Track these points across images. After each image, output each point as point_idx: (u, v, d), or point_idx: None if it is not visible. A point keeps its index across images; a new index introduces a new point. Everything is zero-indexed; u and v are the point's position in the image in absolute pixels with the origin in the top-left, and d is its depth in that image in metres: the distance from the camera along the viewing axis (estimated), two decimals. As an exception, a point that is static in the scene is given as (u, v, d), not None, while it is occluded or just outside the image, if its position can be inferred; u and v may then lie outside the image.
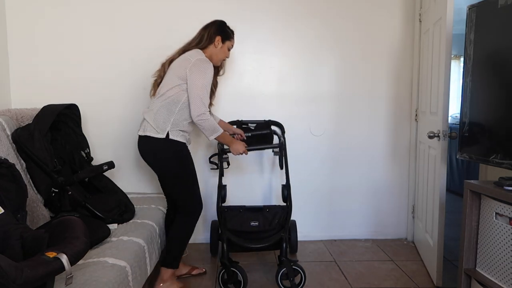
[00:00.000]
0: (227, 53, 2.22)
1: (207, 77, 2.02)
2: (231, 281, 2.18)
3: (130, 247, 1.76)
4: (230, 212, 2.45)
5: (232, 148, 2.16)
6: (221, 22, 2.22)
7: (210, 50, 2.17)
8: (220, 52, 2.19)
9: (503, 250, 1.65)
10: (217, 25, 2.19)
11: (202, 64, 2.03)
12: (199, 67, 2.02)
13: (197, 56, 2.07)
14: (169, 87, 2.05)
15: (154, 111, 2.05)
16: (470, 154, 1.90)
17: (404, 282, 2.34)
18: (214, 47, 2.16)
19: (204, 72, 2.02)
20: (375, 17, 2.89)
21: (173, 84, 2.04)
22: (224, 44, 2.18)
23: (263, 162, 2.96)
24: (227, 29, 2.21)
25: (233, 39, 2.24)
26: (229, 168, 2.51)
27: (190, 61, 2.03)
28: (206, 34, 2.16)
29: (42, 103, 2.31)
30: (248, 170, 2.94)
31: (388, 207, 3.05)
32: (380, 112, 2.97)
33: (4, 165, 1.47)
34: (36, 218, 1.89)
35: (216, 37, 2.15)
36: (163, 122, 2.03)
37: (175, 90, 2.04)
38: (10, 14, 2.70)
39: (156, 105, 2.06)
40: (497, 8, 1.74)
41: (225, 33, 2.19)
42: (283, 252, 2.24)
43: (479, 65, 1.86)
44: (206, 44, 2.16)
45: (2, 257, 1.00)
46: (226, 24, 2.23)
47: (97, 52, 2.77)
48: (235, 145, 2.15)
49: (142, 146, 2.10)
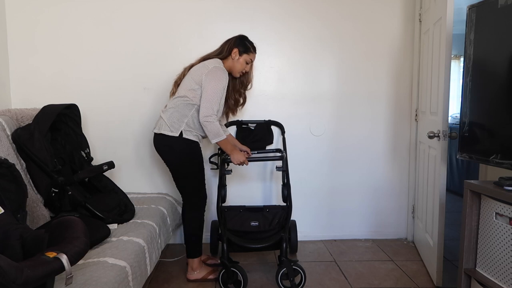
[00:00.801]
0: (244, 65, 2.31)
1: (219, 84, 2.14)
2: (231, 281, 2.19)
3: (130, 247, 1.75)
4: (230, 212, 2.46)
5: (232, 157, 2.20)
6: (241, 36, 2.34)
7: (229, 62, 2.29)
8: (238, 64, 2.29)
9: (503, 250, 1.65)
10: (237, 38, 2.31)
11: (217, 71, 2.16)
12: (214, 73, 2.14)
13: (214, 64, 2.19)
14: (186, 90, 2.19)
15: (169, 111, 2.20)
16: (470, 154, 1.90)
17: (404, 282, 2.34)
18: (232, 59, 2.28)
19: (217, 79, 2.14)
20: (375, 17, 2.89)
21: (190, 87, 2.18)
22: (241, 57, 2.29)
23: (263, 162, 2.95)
24: (246, 43, 2.31)
25: (252, 53, 2.32)
26: (229, 168, 2.52)
27: (207, 68, 2.17)
28: (226, 46, 2.29)
29: (42, 103, 2.31)
30: (248, 170, 2.94)
31: (388, 207, 3.05)
32: (380, 112, 2.97)
33: (4, 165, 1.48)
34: (36, 218, 1.89)
35: (234, 49, 2.27)
36: (177, 122, 2.17)
37: (191, 94, 2.17)
38: (10, 14, 2.70)
39: (172, 105, 2.21)
40: (497, 8, 1.74)
41: (243, 46, 2.29)
42: (283, 252, 2.24)
43: (479, 65, 1.86)
44: (226, 55, 2.29)
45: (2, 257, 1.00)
46: (246, 38, 2.34)
47: (97, 52, 2.77)
48: (235, 154, 2.20)
49: (157, 143, 2.24)
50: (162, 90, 2.80)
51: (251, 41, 2.35)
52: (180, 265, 2.55)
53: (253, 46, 2.34)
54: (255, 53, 2.36)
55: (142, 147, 2.85)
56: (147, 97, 2.82)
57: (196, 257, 2.31)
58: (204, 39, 2.81)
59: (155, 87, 2.81)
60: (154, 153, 2.83)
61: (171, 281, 2.34)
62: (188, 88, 2.18)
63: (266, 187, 2.99)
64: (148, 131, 2.82)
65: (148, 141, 2.84)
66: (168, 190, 2.87)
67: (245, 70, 2.34)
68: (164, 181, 2.88)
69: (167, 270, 2.49)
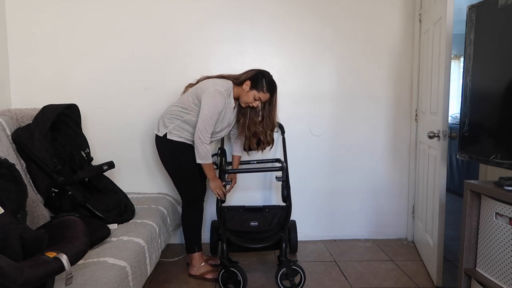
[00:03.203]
0: (251, 100, 2.26)
1: (214, 107, 2.17)
2: (231, 281, 2.19)
3: (130, 247, 1.75)
4: (230, 212, 2.46)
5: (210, 184, 2.29)
6: (262, 72, 2.29)
7: (239, 90, 2.30)
8: (245, 96, 2.27)
9: (503, 250, 1.65)
10: (255, 72, 2.29)
11: (215, 95, 2.17)
12: (212, 96, 2.17)
13: (217, 87, 2.20)
14: (186, 98, 2.28)
15: (165, 112, 2.33)
16: (470, 154, 1.90)
17: (404, 282, 2.34)
18: (242, 89, 2.28)
19: (213, 102, 2.16)
20: (375, 17, 2.89)
21: (189, 97, 2.26)
22: (251, 92, 2.25)
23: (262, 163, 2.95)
24: (261, 81, 2.25)
25: (264, 92, 2.25)
26: (229, 178, 2.54)
27: (210, 87, 2.19)
28: (244, 75, 2.29)
29: (42, 103, 2.31)
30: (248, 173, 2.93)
31: (388, 207, 3.05)
32: (380, 112, 2.97)
33: (4, 165, 1.48)
34: (36, 218, 1.89)
35: (247, 81, 2.26)
36: (166, 123, 2.27)
37: (186, 103, 2.25)
38: (10, 14, 2.70)
39: (170, 108, 2.33)
40: (497, 8, 1.74)
41: (256, 82, 2.25)
42: (283, 252, 2.24)
43: (479, 65, 1.86)
44: (240, 83, 2.29)
45: (2, 257, 1.00)
46: (265, 76, 2.27)
47: (97, 52, 2.77)
48: (212, 183, 2.28)
49: (156, 144, 2.35)
50: (162, 90, 2.80)
51: (271, 82, 2.28)
52: (180, 265, 2.55)
53: (269, 87, 2.25)
54: (268, 94, 2.27)
55: (142, 147, 2.85)
56: (147, 97, 2.82)
57: (192, 252, 2.36)
58: (204, 39, 2.81)
59: (155, 87, 2.81)
60: (154, 153, 2.84)
61: (171, 281, 2.34)
62: (188, 97, 2.26)
63: (265, 187, 2.99)
64: (148, 131, 2.82)
65: (148, 141, 2.84)
66: (168, 190, 2.87)
67: (252, 105, 2.29)
68: (164, 181, 2.87)
69: (167, 270, 2.49)
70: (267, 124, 2.39)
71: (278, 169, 2.38)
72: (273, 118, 2.38)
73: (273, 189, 2.98)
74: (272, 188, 2.99)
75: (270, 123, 2.40)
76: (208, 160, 2.20)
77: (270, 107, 2.35)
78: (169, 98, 2.77)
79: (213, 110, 2.16)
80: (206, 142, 2.17)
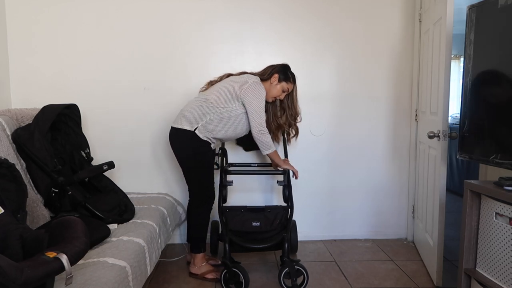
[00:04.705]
0: (280, 92, 2.38)
1: (261, 98, 2.24)
2: (233, 282, 2.18)
3: (130, 247, 1.75)
4: (232, 212, 2.45)
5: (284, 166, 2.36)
6: (285, 65, 2.42)
7: (266, 85, 2.36)
8: (274, 90, 2.36)
9: (503, 250, 1.65)
10: (280, 66, 2.40)
11: (257, 86, 2.25)
12: (255, 88, 2.23)
13: (253, 80, 2.28)
14: (216, 95, 2.25)
15: (193, 106, 2.27)
16: (470, 154, 1.90)
17: (404, 282, 2.34)
18: (270, 83, 2.35)
19: (258, 93, 2.23)
20: (375, 17, 2.89)
21: (221, 94, 2.24)
22: (280, 84, 2.36)
23: (263, 162, 2.95)
24: (287, 72, 2.39)
25: (291, 83, 2.39)
26: (230, 179, 2.53)
27: (246, 82, 2.25)
28: (269, 70, 2.38)
29: (42, 103, 2.31)
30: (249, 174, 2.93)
31: (388, 207, 3.05)
32: (380, 112, 2.97)
33: (4, 165, 1.48)
34: (36, 218, 1.89)
35: (275, 74, 2.35)
36: (195, 118, 2.23)
37: (219, 100, 2.23)
38: (10, 14, 2.70)
39: (197, 102, 2.28)
40: (497, 8, 1.74)
41: (284, 74, 2.37)
42: (285, 252, 2.24)
43: (479, 65, 1.86)
44: (266, 78, 2.37)
45: (2, 257, 1.00)
46: (289, 68, 2.42)
47: (97, 52, 2.77)
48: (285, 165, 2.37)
49: (171, 136, 2.30)
50: (162, 90, 2.80)
51: (293, 73, 2.42)
52: (180, 265, 2.55)
53: (293, 77, 2.40)
54: (294, 84, 2.41)
55: (142, 147, 2.85)
56: (147, 97, 2.82)
57: (197, 252, 2.36)
58: (204, 39, 2.81)
59: (155, 87, 2.81)
60: (154, 152, 2.84)
61: (171, 281, 2.34)
62: (219, 93, 2.25)
63: (267, 189, 2.98)
64: (149, 130, 2.82)
65: (148, 140, 2.84)
66: (168, 190, 2.87)
67: (279, 98, 2.41)
68: (164, 181, 2.87)
69: (167, 270, 2.49)
70: (291, 114, 2.50)
71: (280, 172, 2.40)
72: (295, 107, 2.49)
73: (274, 191, 2.98)
74: (273, 190, 2.98)
75: (294, 113, 2.50)
76: (273, 147, 2.27)
77: (291, 97, 2.44)
78: (169, 98, 2.77)
79: (261, 100, 2.23)
80: (266, 133, 2.23)
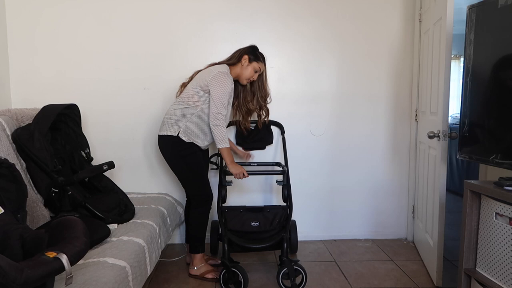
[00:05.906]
0: (252, 73, 2.35)
1: (224, 88, 2.18)
2: (232, 281, 2.18)
3: (130, 247, 1.75)
4: (231, 212, 2.45)
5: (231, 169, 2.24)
6: (253, 46, 2.40)
7: (237, 69, 2.34)
8: (246, 71, 2.34)
9: (503, 250, 1.65)
10: (248, 47, 2.38)
11: (221, 76, 2.20)
12: (219, 78, 2.19)
13: (219, 69, 2.24)
14: (188, 93, 2.25)
15: (171, 112, 2.28)
16: (470, 154, 1.90)
17: (404, 282, 2.34)
18: (241, 65, 2.33)
19: (222, 83, 2.18)
20: (375, 17, 2.89)
21: (193, 91, 2.24)
22: (250, 64, 2.33)
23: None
24: (256, 52, 2.37)
25: (261, 62, 2.36)
26: (230, 179, 2.53)
27: (212, 73, 2.22)
28: (238, 53, 2.35)
29: (42, 103, 2.31)
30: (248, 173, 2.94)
31: (388, 207, 3.05)
32: (380, 112, 2.97)
33: (4, 165, 1.48)
34: (36, 218, 1.89)
35: (244, 56, 2.32)
36: (176, 122, 2.23)
37: (192, 97, 2.23)
38: (10, 14, 2.70)
39: (174, 107, 2.28)
40: (497, 8, 1.74)
41: (253, 54, 2.34)
42: (284, 252, 2.24)
43: (479, 65, 1.86)
44: (235, 61, 2.34)
45: (2, 257, 1.00)
46: (257, 49, 2.39)
47: (97, 52, 2.77)
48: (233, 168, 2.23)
49: (159, 144, 2.31)
50: (162, 90, 2.80)
51: (262, 53, 2.39)
52: (180, 265, 2.55)
53: (262, 57, 2.38)
54: (264, 64, 2.39)
55: (142, 147, 2.85)
56: (147, 97, 2.82)
57: (196, 253, 2.35)
58: (204, 39, 2.81)
59: (155, 87, 2.81)
60: (154, 152, 2.84)
61: (171, 281, 2.34)
62: (190, 91, 2.24)
63: (266, 189, 2.98)
64: (148, 130, 2.82)
65: (148, 140, 2.84)
66: (168, 190, 2.87)
67: (252, 79, 2.38)
68: (164, 181, 2.88)
69: (167, 270, 2.49)
70: (262, 95, 2.48)
71: (279, 173, 2.41)
72: (265, 88, 2.46)
73: (274, 190, 2.98)
74: (272, 189, 2.99)
75: (264, 94, 2.48)
76: (226, 143, 2.19)
77: (261, 78, 2.42)
78: (169, 98, 2.77)
79: (224, 90, 2.18)
80: (220, 124, 2.17)
